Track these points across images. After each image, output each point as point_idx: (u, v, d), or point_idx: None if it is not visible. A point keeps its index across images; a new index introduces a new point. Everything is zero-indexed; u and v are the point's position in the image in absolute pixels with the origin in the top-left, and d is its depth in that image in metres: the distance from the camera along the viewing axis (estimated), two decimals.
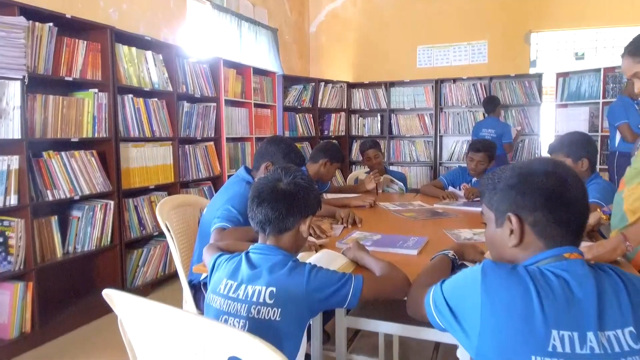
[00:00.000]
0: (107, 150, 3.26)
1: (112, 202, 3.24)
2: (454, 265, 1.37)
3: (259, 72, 5.13)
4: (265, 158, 2.21)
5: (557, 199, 1.01)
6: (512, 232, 1.04)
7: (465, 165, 3.06)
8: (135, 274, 3.49)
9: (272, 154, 2.20)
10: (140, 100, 3.52)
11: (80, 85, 3.14)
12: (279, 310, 1.18)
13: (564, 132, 5.57)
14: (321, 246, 1.77)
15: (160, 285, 3.76)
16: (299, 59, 6.86)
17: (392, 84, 6.51)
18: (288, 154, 2.19)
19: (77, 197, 2.98)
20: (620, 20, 5.76)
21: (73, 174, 2.99)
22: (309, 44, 7.14)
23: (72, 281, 3.25)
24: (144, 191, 3.65)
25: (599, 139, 5.28)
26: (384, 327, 1.58)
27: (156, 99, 3.69)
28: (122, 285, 3.33)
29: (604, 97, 5.25)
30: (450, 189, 3.17)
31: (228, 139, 4.57)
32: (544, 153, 5.97)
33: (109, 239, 3.24)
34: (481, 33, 6.35)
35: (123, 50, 3.37)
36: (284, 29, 6.37)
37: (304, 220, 1.34)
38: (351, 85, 6.68)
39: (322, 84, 6.23)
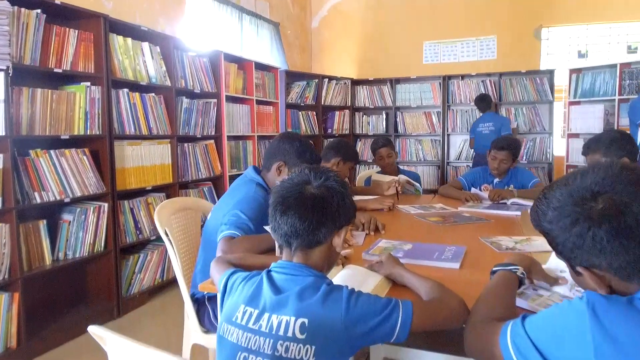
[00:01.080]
0: (100, 149, 3.02)
1: (106, 205, 3.00)
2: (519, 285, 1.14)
3: (261, 67, 4.90)
4: (278, 157, 1.97)
5: (622, 234, 0.78)
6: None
7: (474, 165, 2.87)
8: (131, 282, 3.25)
9: (285, 153, 1.96)
10: (136, 95, 3.28)
11: (71, 78, 2.90)
12: (313, 348, 0.94)
13: (577, 131, 5.45)
14: (346, 258, 1.54)
15: (158, 293, 3.52)
16: (301, 55, 6.62)
17: (398, 81, 6.28)
18: (303, 153, 1.95)
19: (67, 200, 2.74)
20: (634, 15, 5.56)
21: (63, 174, 2.75)
22: (311, 39, 6.90)
23: (63, 291, 3.00)
24: (140, 192, 3.41)
25: None
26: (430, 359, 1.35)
27: (153, 94, 3.45)
28: (117, 294, 3.09)
29: (620, 94, 5.04)
30: (473, 190, 2.94)
31: (229, 137, 4.34)
32: (556, 152, 5.77)
33: (102, 245, 3.01)
34: (490, 28, 6.14)
35: (118, 40, 3.13)
36: (285, 23, 6.13)
37: (338, 232, 1.10)
38: (355, 82, 6.45)
39: (326, 80, 5.99)
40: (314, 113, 5.84)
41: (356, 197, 2.75)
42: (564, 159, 5.57)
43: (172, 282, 3.61)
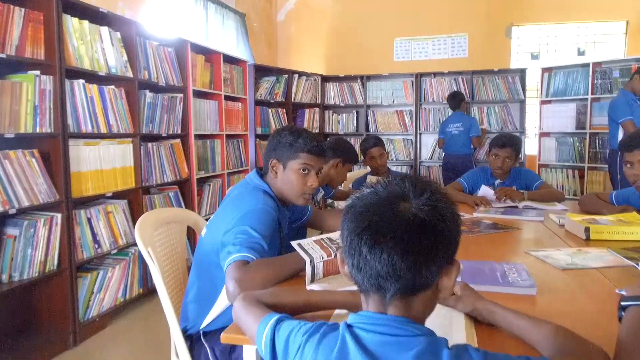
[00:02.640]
0: (52, 150, 2.57)
1: (59, 215, 2.55)
2: None
3: (228, 59, 4.50)
4: (270, 154, 1.63)
5: None
6: None
7: (443, 165, 2.65)
8: (89, 304, 2.80)
9: (275, 148, 1.60)
10: (94, 87, 2.84)
11: (17, 65, 2.43)
12: None
13: (549, 130, 5.43)
14: None
15: (120, 314, 3.09)
16: (267, 49, 6.26)
17: (369, 78, 6.05)
18: (295, 142, 1.57)
19: (13, 211, 2.28)
20: (603, 15, 5.62)
21: (7, 181, 2.29)
22: (277, 33, 6.55)
23: (8, 319, 2.52)
24: (98, 200, 2.96)
25: (587, 136, 5.08)
26: None
27: (113, 87, 3.01)
28: (73, 319, 2.64)
29: (592, 94, 5.04)
30: (483, 190, 2.69)
31: (196, 136, 3.93)
32: (528, 152, 5.72)
33: (55, 262, 2.55)
34: (461, 25, 6.04)
35: (72, 23, 2.67)
36: (252, 15, 5.75)
37: (447, 271, 0.77)
38: (325, 79, 6.16)
39: (296, 76, 5.66)
40: (284, 110, 5.49)
41: None
42: (535, 158, 5.53)
43: (136, 301, 3.19)
